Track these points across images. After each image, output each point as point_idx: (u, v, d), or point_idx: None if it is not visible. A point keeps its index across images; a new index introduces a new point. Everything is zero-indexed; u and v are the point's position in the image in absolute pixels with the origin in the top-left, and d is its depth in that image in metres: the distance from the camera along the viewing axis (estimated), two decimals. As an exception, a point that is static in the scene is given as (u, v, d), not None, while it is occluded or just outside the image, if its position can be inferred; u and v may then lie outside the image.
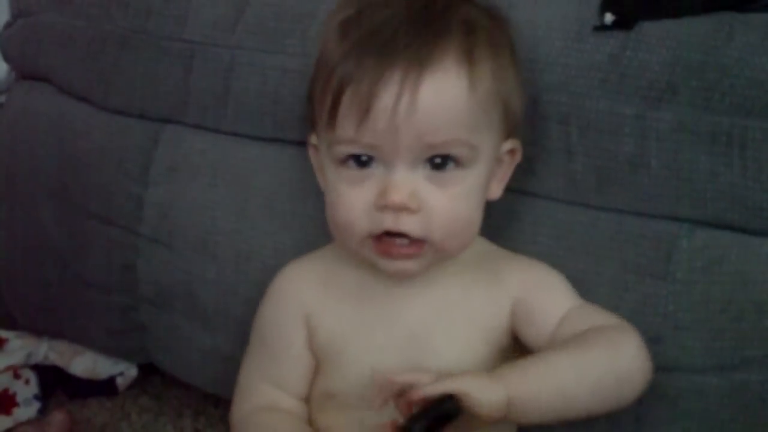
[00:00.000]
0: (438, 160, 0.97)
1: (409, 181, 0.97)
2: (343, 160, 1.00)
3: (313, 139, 1.08)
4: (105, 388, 1.54)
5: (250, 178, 1.27)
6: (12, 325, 1.54)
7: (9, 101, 1.52)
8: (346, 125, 0.97)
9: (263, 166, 1.26)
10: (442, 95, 0.95)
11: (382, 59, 0.94)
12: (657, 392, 1.10)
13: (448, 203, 0.99)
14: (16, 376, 1.50)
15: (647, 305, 1.10)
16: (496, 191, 1.07)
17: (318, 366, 1.11)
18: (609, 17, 1.07)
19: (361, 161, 0.98)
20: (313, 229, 1.23)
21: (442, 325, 1.07)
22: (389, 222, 0.98)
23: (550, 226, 1.13)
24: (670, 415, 1.11)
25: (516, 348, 1.09)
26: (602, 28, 1.08)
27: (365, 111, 0.94)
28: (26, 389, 1.50)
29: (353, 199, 1.00)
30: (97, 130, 1.37)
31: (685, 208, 1.08)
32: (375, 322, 1.08)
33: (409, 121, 0.94)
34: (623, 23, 1.07)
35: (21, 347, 1.51)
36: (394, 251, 1.00)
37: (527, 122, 1.08)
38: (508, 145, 1.05)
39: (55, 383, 1.55)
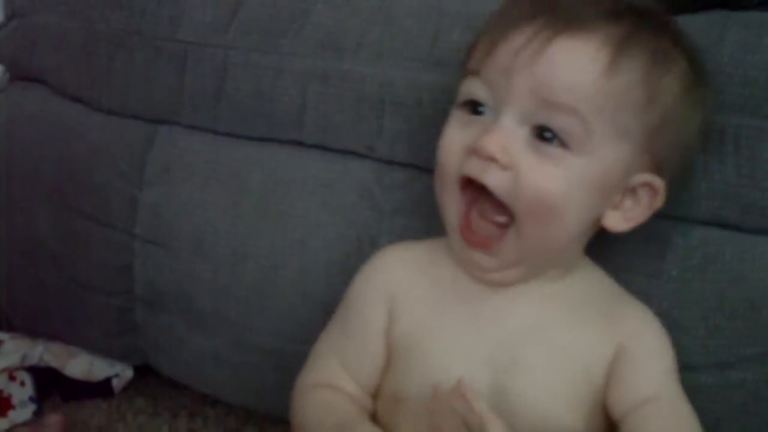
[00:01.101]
0: (547, 134, 0.92)
1: (507, 135, 0.93)
2: (462, 105, 0.98)
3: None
4: (100, 389, 1.55)
5: (244, 179, 1.27)
6: (7, 326, 1.55)
7: (3, 102, 1.52)
8: (475, 57, 0.97)
9: (257, 167, 1.26)
10: (572, 58, 0.91)
11: (533, 8, 0.93)
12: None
13: (541, 174, 0.93)
14: (12, 378, 1.50)
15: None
16: (617, 223, 1.00)
17: (391, 362, 1.05)
18: (603, 17, 1.07)
19: (476, 110, 0.96)
20: (308, 230, 1.23)
21: (539, 345, 1.00)
22: (474, 167, 0.94)
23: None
24: (666, 413, 1.11)
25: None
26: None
27: (494, 46, 0.93)
28: (22, 391, 1.50)
29: (454, 139, 0.97)
30: (91, 131, 1.37)
31: (680, 207, 1.07)
32: (464, 323, 1.02)
33: (528, 67, 0.91)
34: (617, 22, 1.07)
35: (16, 349, 1.51)
36: (473, 234, 0.97)
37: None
38: (645, 177, 0.97)
39: (50, 385, 1.55)
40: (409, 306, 1.05)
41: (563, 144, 0.93)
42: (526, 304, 1.02)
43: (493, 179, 0.93)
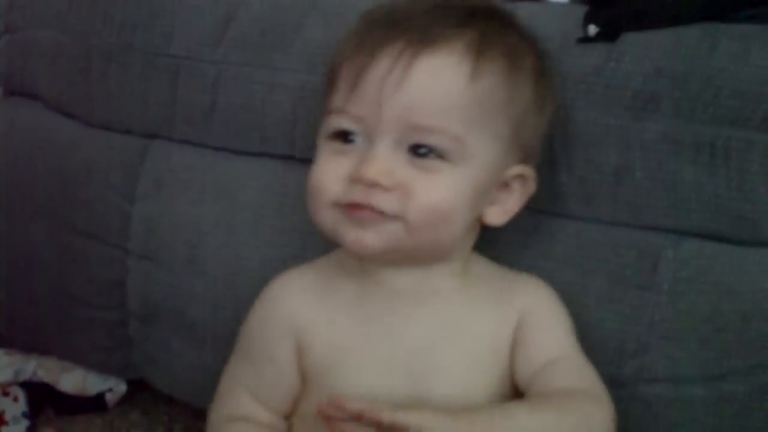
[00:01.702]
0: (422, 150, 0.95)
1: (386, 159, 0.95)
2: (331, 136, 0.99)
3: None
4: (94, 404, 1.54)
5: (237, 193, 1.27)
6: (0, 341, 1.54)
7: (-5, 117, 1.53)
8: (339, 94, 0.97)
9: (250, 181, 1.26)
10: (437, 77, 0.94)
11: (388, 32, 0.94)
12: (643, 403, 1.10)
13: (430, 186, 0.96)
14: (5, 393, 1.49)
15: (633, 316, 1.10)
16: (497, 217, 1.04)
17: (311, 383, 1.06)
18: (593, 29, 1.08)
19: (347, 139, 0.97)
20: (301, 243, 1.23)
21: (448, 342, 1.04)
22: (360, 195, 0.95)
23: (535, 238, 1.13)
24: (656, 426, 1.11)
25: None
26: (586, 39, 1.08)
27: (357, 79, 0.94)
28: (15, 407, 1.50)
29: (330, 167, 0.98)
30: (83, 146, 1.37)
31: (670, 219, 1.08)
32: (375, 337, 1.04)
33: (395, 95, 0.93)
34: (607, 35, 1.08)
35: (9, 364, 1.51)
36: (360, 214, 0.97)
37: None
38: (517, 169, 1.02)
39: (43, 400, 1.55)
40: (318, 334, 1.06)
41: (440, 156, 0.95)
42: (430, 307, 1.05)
43: (381, 202, 0.95)
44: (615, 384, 1.10)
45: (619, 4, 1.09)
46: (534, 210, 1.13)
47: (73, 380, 1.53)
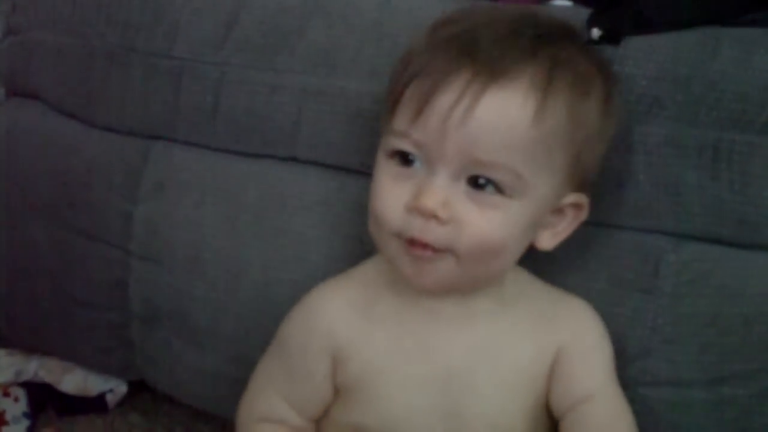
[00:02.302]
0: (481, 180, 0.94)
1: (445, 190, 0.94)
2: (392, 154, 0.98)
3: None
4: (95, 405, 1.54)
5: (239, 195, 1.27)
6: (1, 342, 1.54)
7: (-1, 118, 1.53)
8: (402, 117, 0.96)
9: (252, 183, 1.26)
10: (502, 114, 0.92)
11: (456, 59, 0.93)
12: (645, 406, 1.10)
13: (482, 221, 0.95)
14: (6, 393, 1.50)
15: (635, 319, 1.10)
16: (548, 242, 1.04)
17: (346, 396, 1.07)
18: (596, 32, 1.08)
19: (407, 159, 0.97)
20: (302, 246, 1.23)
21: (486, 365, 1.04)
22: (416, 230, 0.95)
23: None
24: (658, 428, 1.11)
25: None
26: (589, 43, 1.08)
27: (422, 106, 0.93)
28: (16, 407, 1.50)
29: (390, 194, 0.97)
30: (86, 147, 1.37)
31: (673, 222, 1.08)
32: (414, 356, 1.04)
33: (460, 129, 0.92)
34: (610, 38, 1.08)
35: (10, 364, 1.52)
36: (419, 252, 0.96)
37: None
38: (572, 198, 1.01)
39: (44, 400, 1.55)
40: (356, 351, 1.06)
41: (499, 190, 0.95)
42: (469, 328, 1.05)
43: (436, 237, 0.95)
44: (617, 387, 1.11)
45: (622, 7, 1.09)
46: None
47: (74, 381, 1.53)
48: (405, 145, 0.96)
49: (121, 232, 1.34)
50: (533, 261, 1.12)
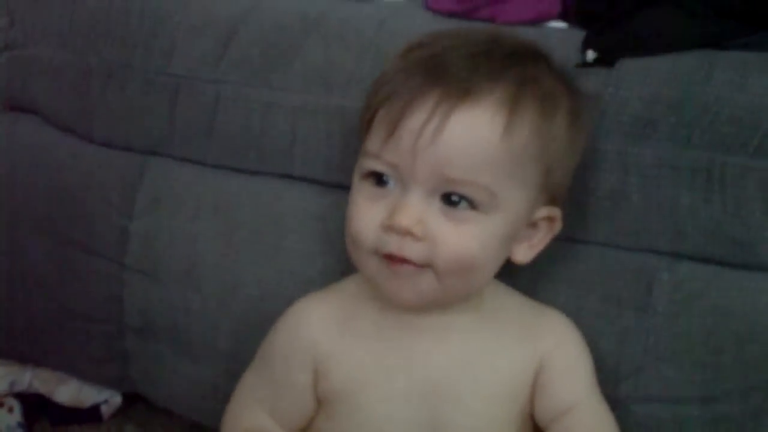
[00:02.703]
0: (454, 198, 0.95)
1: (419, 208, 0.95)
2: (366, 175, 0.99)
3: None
4: (89, 416, 1.54)
5: (234, 211, 1.27)
6: (-4, 353, 1.54)
7: (-5, 132, 1.52)
8: (375, 139, 0.97)
9: (247, 199, 1.27)
10: (471, 132, 0.93)
11: (425, 81, 0.94)
12: (637, 423, 1.11)
13: (457, 238, 0.96)
14: (0, 404, 1.49)
15: (628, 337, 1.11)
16: (525, 255, 1.05)
17: (328, 408, 1.08)
18: (591, 54, 1.08)
19: (381, 180, 0.98)
20: (297, 262, 1.23)
21: (467, 378, 1.05)
22: (393, 246, 0.96)
23: (532, 259, 1.14)
24: (651, 447, 1.12)
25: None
26: (584, 65, 1.09)
27: (393, 128, 0.94)
28: (10, 417, 1.50)
29: (366, 213, 0.98)
30: (83, 162, 1.37)
31: (666, 242, 1.09)
32: (395, 368, 1.05)
33: (430, 148, 0.93)
34: (605, 60, 1.08)
35: (5, 375, 1.52)
36: (399, 268, 0.97)
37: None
38: (545, 212, 1.02)
39: (39, 411, 1.55)
40: (339, 361, 1.06)
41: (472, 206, 0.96)
42: (450, 341, 1.05)
43: (412, 252, 0.96)
44: (610, 403, 1.11)
45: (617, 30, 1.10)
46: (531, 232, 1.14)
47: (69, 392, 1.53)
48: (378, 166, 0.97)
49: (117, 246, 1.35)
50: (524, 278, 1.13)
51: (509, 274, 1.13)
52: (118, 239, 1.34)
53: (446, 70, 0.95)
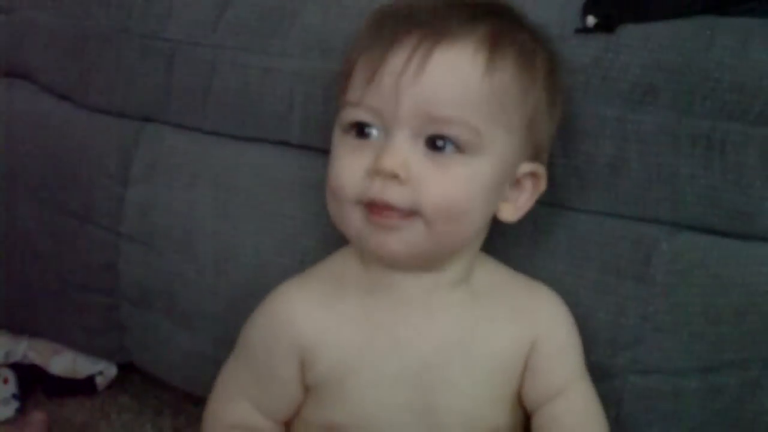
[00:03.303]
0: (439, 143, 0.94)
1: (404, 150, 0.94)
2: (348, 128, 0.98)
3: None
4: (84, 387, 1.54)
5: (231, 178, 1.26)
6: (-9, 323, 1.54)
7: (-11, 99, 1.52)
8: (355, 88, 0.97)
9: (244, 166, 1.26)
10: (453, 69, 0.93)
11: (401, 27, 0.94)
12: (635, 394, 1.11)
13: (443, 180, 0.95)
14: (-5, 374, 1.50)
15: (627, 307, 1.10)
16: (510, 214, 1.04)
17: (316, 395, 1.06)
18: (591, 20, 1.08)
19: (363, 132, 0.97)
20: (294, 230, 1.23)
21: (460, 357, 1.03)
22: (378, 191, 0.94)
23: (530, 228, 1.13)
24: (649, 417, 1.11)
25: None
26: (584, 30, 1.08)
27: (373, 72, 0.94)
28: (5, 388, 1.50)
29: (348, 164, 0.97)
30: (77, 129, 1.36)
31: (666, 211, 1.08)
32: (384, 351, 1.03)
33: (413, 87, 0.92)
34: (605, 26, 1.07)
35: (-1, 346, 1.51)
36: (383, 220, 0.96)
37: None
38: (529, 167, 1.02)
39: (33, 382, 1.54)
40: (326, 348, 1.04)
41: (458, 148, 0.95)
42: (440, 320, 1.04)
43: (397, 196, 0.95)
44: (607, 375, 1.11)
45: (618, -5, 1.09)
46: (530, 200, 1.13)
47: (64, 362, 1.52)
48: (360, 114, 0.97)
49: (112, 214, 1.34)
50: (523, 246, 1.13)
51: (507, 242, 1.13)
52: (113, 207, 1.34)
53: (422, 16, 0.95)
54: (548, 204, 1.12)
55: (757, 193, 1.04)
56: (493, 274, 1.09)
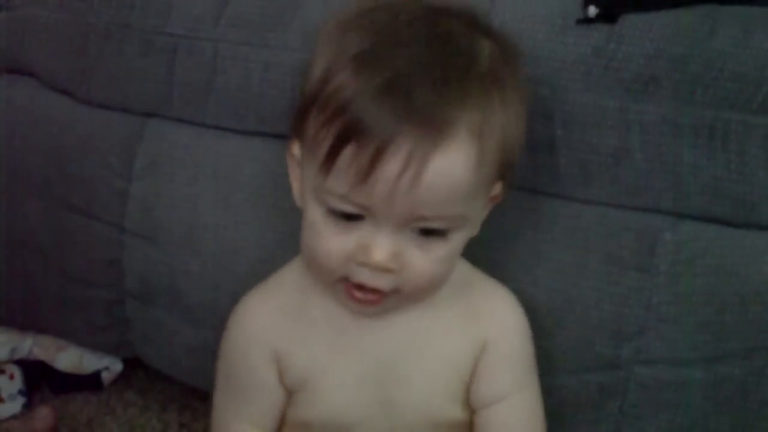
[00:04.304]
0: (425, 229, 0.94)
1: (393, 243, 0.93)
2: (330, 211, 0.95)
3: (294, 149, 1.01)
4: (90, 382, 1.55)
5: (233, 172, 1.26)
6: (-4, 320, 1.54)
7: (-8, 96, 1.52)
8: (341, 179, 0.91)
9: (246, 160, 1.26)
10: (449, 175, 0.90)
11: (394, 122, 0.88)
12: (641, 384, 1.11)
13: (429, 266, 0.96)
14: (1, 371, 1.50)
15: (631, 298, 1.10)
16: (473, 231, 1.03)
17: (292, 397, 1.09)
18: (593, 10, 1.07)
19: (349, 217, 0.94)
20: (297, 223, 1.22)
21: (415, 357, 1.06)
22: (366, 278, 0.95)
23: (534, 219, 1.13)
24: (653, 407, 1.11)
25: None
26: (586, 21, 1.08)
27: (365, 175, 0.89)
28: (11, 384, 1.50)
29: (334, 247, 0.95)
30: (80, 124, 1.36)
31: (669, 201, 1.08)
32: (348, 355, 1.06)
33: (408, 195, 0.89)
34: (607, 16, 1.07)
35: (5, 342, 1.52)
36: (364, 299, 0.98)
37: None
38: (496, 189, 1.01)
39: (39, 378, 1.55)
40: (294, 355, 1.07)
41: (442, 233, 0.95)
42: (397, 324, 1.06)
43: (384, 283, 0.96)
44: (612, 365, 1.11)
45: (619, -15, 1.09)
46: (533, 191, 1.13)
47: (69, 358, 1.53)
48: (347, 207, 0.93)
49: (116, 209, 1.34)
50: (525, 238, 1.13)
51: (510, 235, 1.13)
52: (117, 202, 1.34)
53: (413, 102, 0.88)
54: (551, 195, 1.12)
55: (761, 182, 1.04)
56: (453, 275, 1.06)
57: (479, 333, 1.08)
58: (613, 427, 1.15)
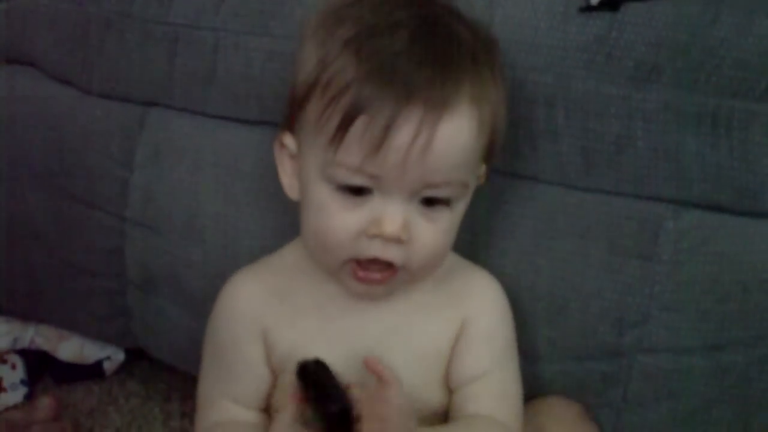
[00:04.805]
0: (431, 199, 0.97)
1: (403, 213, 0.96)
2: (339, 186, 0.97)
3: (286, 140, 1.05)
4: (92, 372, 1.55)
5: (235, 161, 1.26)
6: (-2, 309, 1.54)
7: (-7, 85, 1.52)
8: (352, 152, 0.94)
9: (248, 149, 1.26)
10: (456, 139, 0.94)
11: (403, 94, 0.91)
12: (643, 372, 1.11)
13: (435, 236, 0.99)
14: (3, 360, 1.50)
15: (634, 286, 1.10)
16: (464, 210, 1.05)
17: (278, 379, 1.10)
18: (595, -2, 1.07)
19: (359, 191, 0.96)
20: (298, 212, 1.22)
21: (400, 342, 1.08)
22: (378, 250, 0.97)
23: (536, 207, 1.13)
24: (656, 395, 1.12)
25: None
26: (588, 8, 1.07)
27: (378, 145, 0.92)
28: (13, 374, 1.50)
29: (345, 224, 0.97)
30: (82, 114, 1.36)
31: (672, 189, 1.08)
32: (335, 340, 1.07)
33: (420, 161, 0.92)
34: (609, 4, 1.07)
35: (7, 332, 1.52)
36: (370, 277, 1.00)
37: (514, 103, 1.07)
38: (482, 170, 1.04)
39: (41, 368, 1.55)
40: (282, 333, 1.08)
41: (446, 202, 0.98)
42: (381, 308, 1.08)
43: (396, 255, 0.98)
44: (614, 354, 1.12)
45: (622, -27, 1.09)
46: (535, 179, 1.13)
47: (71, 348, 1.53)
48: (359, 180, 0.95)
49: (117, 198, 1.34)
50: (528, 227, 1.13)
51: (512, 223, 1.13)
52: (118, 192, 1.34)
53: (415, 79, 0.92)
54: (554, 183, 1.12)
55: (763, 170, 1.04)
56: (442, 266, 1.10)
57: (458, 314, 1.09)
58: (616, 415, 1.15)
